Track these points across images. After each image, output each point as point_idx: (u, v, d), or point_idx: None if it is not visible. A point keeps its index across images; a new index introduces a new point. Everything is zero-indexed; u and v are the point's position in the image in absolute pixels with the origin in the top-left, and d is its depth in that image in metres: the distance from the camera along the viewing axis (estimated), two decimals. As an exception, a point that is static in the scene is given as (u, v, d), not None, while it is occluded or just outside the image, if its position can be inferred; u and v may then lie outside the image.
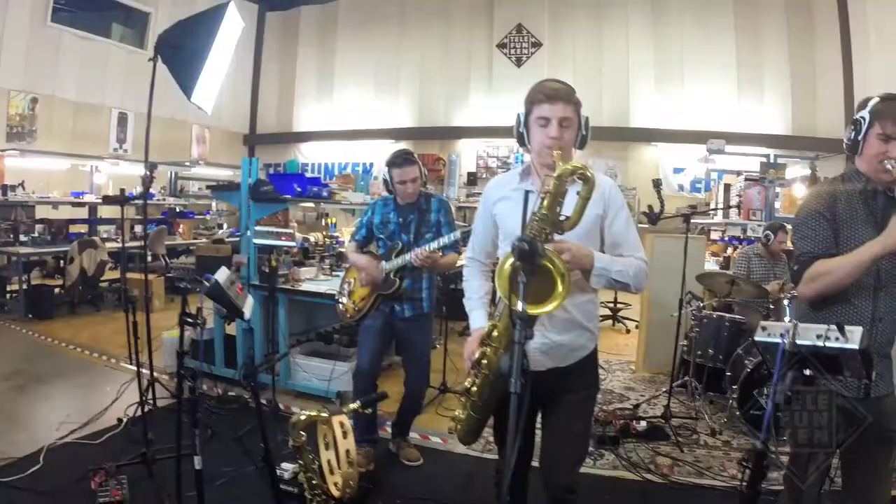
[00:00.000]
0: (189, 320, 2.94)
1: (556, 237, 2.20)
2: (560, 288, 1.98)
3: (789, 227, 5.93)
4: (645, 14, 14.63)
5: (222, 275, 3.08)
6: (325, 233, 6.80)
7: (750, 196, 7.72)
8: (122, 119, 14.81)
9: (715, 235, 11.14)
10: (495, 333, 2.31)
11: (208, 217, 12.49)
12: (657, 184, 5.25)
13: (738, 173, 9.25)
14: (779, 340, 2.09)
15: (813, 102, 13.40)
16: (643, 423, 5.15)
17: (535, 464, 2.75)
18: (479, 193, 11.94)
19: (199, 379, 2.99)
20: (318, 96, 18.27)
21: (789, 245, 6.73)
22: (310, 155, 18.32)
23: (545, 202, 2.16)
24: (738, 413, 5.16)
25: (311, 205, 6.28)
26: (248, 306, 3.30)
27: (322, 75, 18.19)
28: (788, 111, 13.59)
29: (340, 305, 4.41)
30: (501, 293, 2.06)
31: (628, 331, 9.13)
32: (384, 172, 4.21)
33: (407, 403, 4.42)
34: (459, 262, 3.58)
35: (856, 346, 1.99)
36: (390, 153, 4.25)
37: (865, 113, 2.48)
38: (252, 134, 19.17)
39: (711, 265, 8.64)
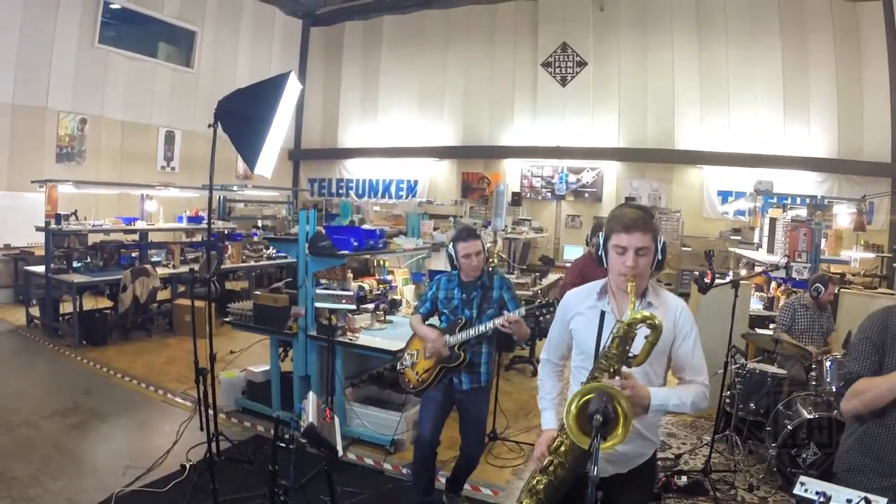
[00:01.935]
0: (282, 444, 3.10)
1: (624, 370, 2.38)
2: (620, 430, 2.14)
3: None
4: (690, 35, 14.62)
5: (312, 409, 3.21)
6: (377, 277, 7.00)
7: (796, 237, 7.73)
8: (170, 137, 15.30)
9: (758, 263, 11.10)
10: (563, 449, 2.47)
11: (255, 238, 12.76)
12: (709, 256, 5.37)
13: (783, 207, 9.20)
14: (815, 498, 2.25)
15: (860, 126, 13.31)
16: (684, 479, 5.27)
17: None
18: (527, 220, 12.07)
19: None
20: (362, 112, 18.56)
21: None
22: (354, 171, 18.68)
23: (615, 343, 2.35)
24: (775, 469, 5.25)
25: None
26: (339, 434, 3.44)
27: (366, 91, 18.46)
28: (835, 135, 13.51)
29: (403, 375, 4.60)
30: (570, 433, 2.22)
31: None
32: (449, 248, 4.39)
33: (462, 465, 4.59)
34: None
35: None
36: (455, 230, 4.44)
37: None
38: (297, 149, 19.52)
39: (756, 302, 8.68)
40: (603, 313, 2.50)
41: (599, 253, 2.69)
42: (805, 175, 13.53)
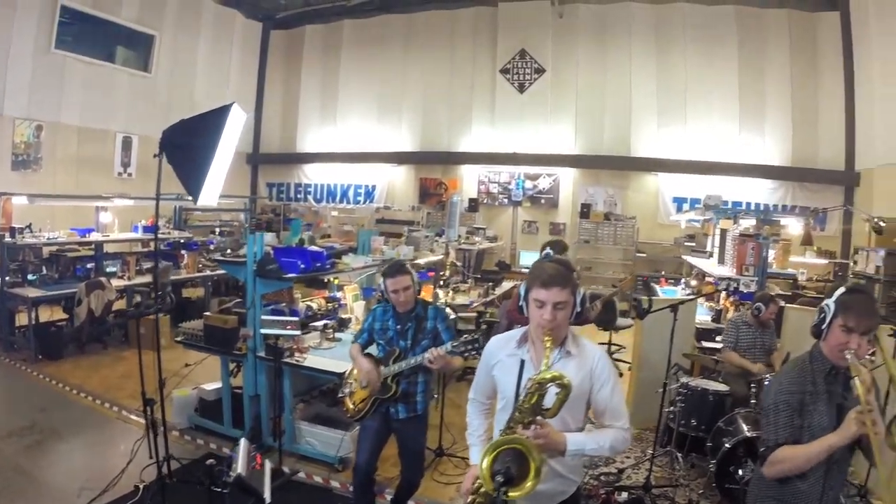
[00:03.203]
0: (216, 489, 3.13)
1: (539, 419, 2.48)
2: (529, 484, 2.29)
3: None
4: (648, 42, 14.84)
5: (242, 457, 3.26)
6: (325, 295, 7.04)
7: (743, 251, 7.86)
8: (127, 143, 15.09)
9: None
10: (483, 489, 2.56)
11: (211, 247, 12.69)
12: (647, 283, 5.50)
13: (734, 218, 9.32)
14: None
15: (814, 135, 13.65)
16: (624, 495, 5.38)
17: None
18: (481, 229, 12.14)
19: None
20: (321, 117, 18.51)
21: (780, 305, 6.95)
22: (313, 176, 18.66)
23: (528, 398, 2.46)
24: (714, 485, 5.37)
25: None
26: (268, 479, 3.49)
27: (326, 95, 18.41)
28: (789, 143, 13.82)
29: (342, 403, 4.66)
30: (484, 483, 2.34)
31: (621, 374, 9.25)
32: (379, 282, 4.45)
33: (403, 487, 4.66)
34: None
35: None
36: (386, 264, 4.51)
37: (831, 303, 2.70)
38: (255, 153, 19.39)
39: (704, 313, 8.82)
40: (522, 362, 2.60)
41: (520, 303, 2.80)
42: (759, 182, 13.81)
